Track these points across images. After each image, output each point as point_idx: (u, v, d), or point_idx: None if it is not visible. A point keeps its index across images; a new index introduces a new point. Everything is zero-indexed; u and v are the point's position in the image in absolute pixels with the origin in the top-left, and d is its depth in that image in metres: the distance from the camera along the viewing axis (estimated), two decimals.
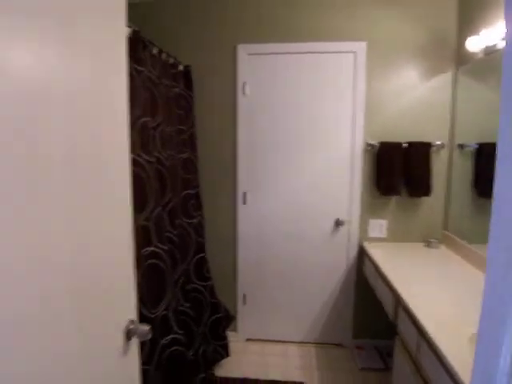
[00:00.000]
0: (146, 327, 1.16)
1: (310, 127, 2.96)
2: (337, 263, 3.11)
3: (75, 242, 0.86)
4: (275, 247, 3.14)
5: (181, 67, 2.74)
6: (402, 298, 1.89)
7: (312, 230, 3.08)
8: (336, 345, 3.22)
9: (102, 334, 1.02)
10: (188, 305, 2.33)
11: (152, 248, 1.83)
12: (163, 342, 1.84)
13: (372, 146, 2.90)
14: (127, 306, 1.16)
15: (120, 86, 1.08)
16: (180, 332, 2.00)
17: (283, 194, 3.06)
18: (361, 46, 2.82)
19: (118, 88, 1.06)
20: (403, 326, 1.90)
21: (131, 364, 1.22)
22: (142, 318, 1.71)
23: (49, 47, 0.75)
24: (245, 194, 3.08)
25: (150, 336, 1.17)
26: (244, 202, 3.09)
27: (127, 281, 1.16)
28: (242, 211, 3.10)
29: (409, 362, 1.84)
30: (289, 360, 3.02)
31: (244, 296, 3.24)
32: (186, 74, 2.83)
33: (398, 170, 2.83)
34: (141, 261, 1.76)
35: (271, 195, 3.07)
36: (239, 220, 3.11)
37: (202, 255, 2.65)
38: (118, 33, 1.07)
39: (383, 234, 3.02)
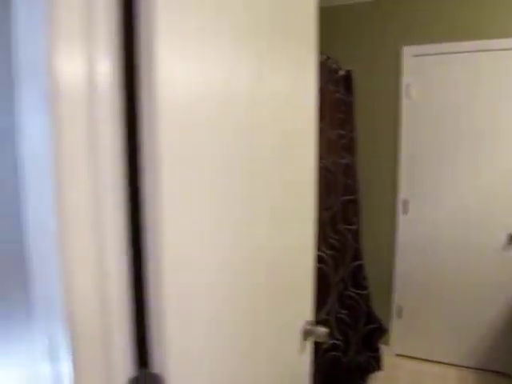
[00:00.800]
0: (323, 329, 1.17)
1: (483, 130, 2.68)
2: (509, 283, 2.75)
3: (273, 244, 0.91)
4: (439, 260, 2.91)
5: (342, 72, 2.74)
6: None
7: (482, 244, 2.78)
8: (498, 373, 2.84)
9: (286, 333, 1.06)
10: (345, 312, 2.31)
11: (318, 252, 1.86)
12: (324, 345, 1.86)
13: None
14: (306, 306, 1.19)
15: (310, 95, 1.11)
16: (339, 338, 1.99)
17: (450, 204, 2.82)
18: None
19: (308, 98, 1.10)
20: None
21: (305, 364, 1.25)
22: None
23: (263, 65, 0.81)
24: (406, 202, 2.93)
25: (326, 339, 1.18)
26: (405, 210, 2.94)
27: (307, 283, 1.19)
28: (403, 219, 2.96)
29: None
30: (445, 383, 2.77)
31: (399, 309, 3.08)
32: (348, 79, 2.83)
33: None
34: None
35: (436, 204, 2.86)
36: (399, 228, 2.97)
37: (359, 263, 2.60)
38: (310, 51, 1.10)
39: None
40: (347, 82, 2.83)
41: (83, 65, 0.48)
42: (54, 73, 0.45)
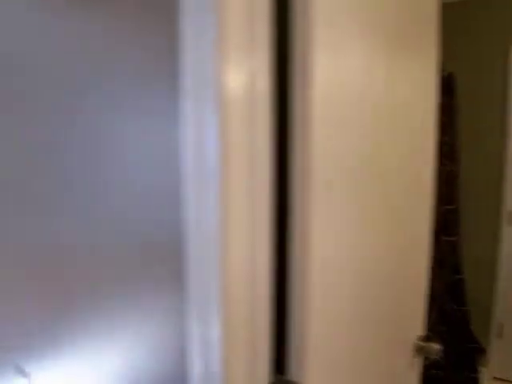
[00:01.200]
0: (436, 346, 1.11)
1: None
2: None
3: (395, 246, 0.89)
4: None
5: (444, 73, 2.60)
6: None
7: None
8: None
9: (400, 345, 1.03)
10: (443, 328, 2.19)
11: None
12: (426, 362, 1.76)
13: None
14: (418, 320, 1.14)
15: (430, 100, 1.07)
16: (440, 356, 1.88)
17: None
18: None
19: (429, 104, 1.06)
20: None
21: (413, 380, 1.20)
22: None
23: (391, 70, 0.79)
24: None
25: (439, 356, 1.12)
26: (510, 223, 2.71)
27: (420, 294, 1.14)
28: (508, 232, 2.73)
29: None
30: None
31: (500, 327, 2.84)
32: (450, 81, 2.67)
33: None
34: None
35: None
36: (503, 242, 2.75)
37: (459, 277, 2.45)
38: (431, 56, 1.06)
39: None
40: (449, 84, 2.67)
41: (246, 77, 0.50)
42: (224, 85, 0.48)
